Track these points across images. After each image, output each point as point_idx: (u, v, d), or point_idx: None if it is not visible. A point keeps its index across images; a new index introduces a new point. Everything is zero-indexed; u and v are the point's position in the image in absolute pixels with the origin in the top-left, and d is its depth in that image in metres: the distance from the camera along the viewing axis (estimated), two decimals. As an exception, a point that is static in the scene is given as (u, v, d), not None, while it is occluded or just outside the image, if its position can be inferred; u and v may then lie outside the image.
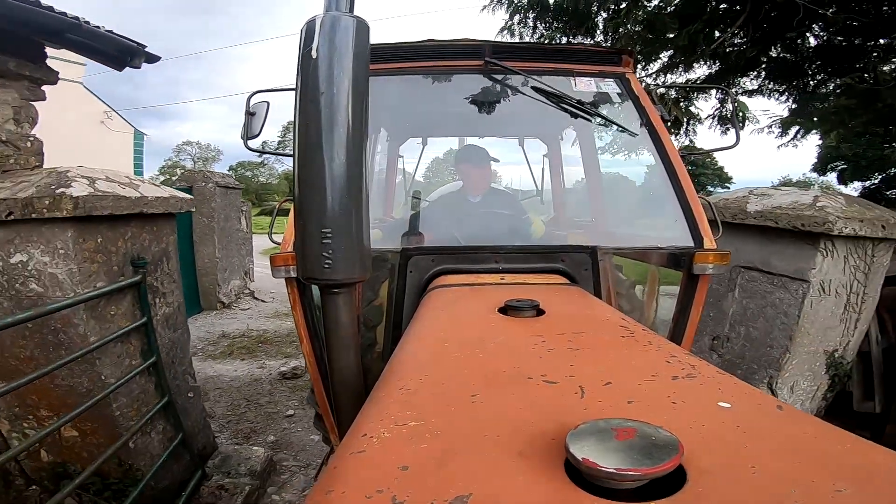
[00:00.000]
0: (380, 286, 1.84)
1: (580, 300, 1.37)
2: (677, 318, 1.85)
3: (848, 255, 2.94)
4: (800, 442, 0.56)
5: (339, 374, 1.02)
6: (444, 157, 6.20)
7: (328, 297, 0.95)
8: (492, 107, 2.66)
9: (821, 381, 3.29)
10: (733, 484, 0.48)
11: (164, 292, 2.94)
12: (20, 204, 2.25)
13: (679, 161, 1.92)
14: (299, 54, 0.87)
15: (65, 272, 2.34)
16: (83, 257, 2.38)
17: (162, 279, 2.93)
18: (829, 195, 3.08)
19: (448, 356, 0.90)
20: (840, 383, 3.62)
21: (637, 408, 0.65)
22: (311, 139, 0.85)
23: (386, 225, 2.67)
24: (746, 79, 6.42)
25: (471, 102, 2.52)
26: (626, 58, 2.18)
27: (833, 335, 3.11)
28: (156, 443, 2.79)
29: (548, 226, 2.70)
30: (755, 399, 0.69)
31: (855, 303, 3.09)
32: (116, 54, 3.38)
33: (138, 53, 3.43)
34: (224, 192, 7.64)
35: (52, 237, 2.32)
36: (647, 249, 1.92)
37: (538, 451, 0.55)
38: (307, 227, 0.87)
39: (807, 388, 3.25)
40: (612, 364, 0.83)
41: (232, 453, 3.27)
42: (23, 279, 2.37)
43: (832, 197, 3.01)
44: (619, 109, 2.13)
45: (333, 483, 0.52)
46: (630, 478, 0.45)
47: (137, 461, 2.66)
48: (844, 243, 2.86)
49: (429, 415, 0.65)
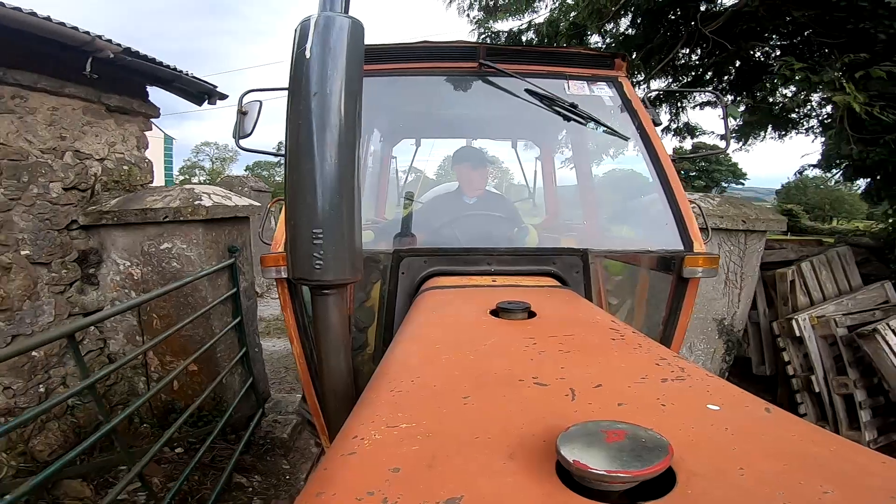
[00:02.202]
0: (371, 287, 1.83)
1: (571, 303, 1.37)
2: (667, 321, 1.87)
3: (721, 242, 4.10)
4: (787, 444, 0.57)
5: (330, 375, 1.01)
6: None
7: (319, 298, 0.95)
8: (485, 109, 2.66)
9: (717, 345, 4.37)
10: (722, 486, 0.48)
11: (243, 271, 4.11)
12: (171, 211, 3.62)
13: (670, 164, 1.93)
14: (293, 54, 0.87)
15: (195, 255, 3.73)
16: (206, 245, 3.73)
17: (242, 262, 4.11)
18: (710, 197, 4.44)
19: (439, 358, 0.90)
20: (735, 348, 4.77)
21: (627, 410, 0.65)
22: (303, 139, 0.85)
23: (378, 226, 2.66)
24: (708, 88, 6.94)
25: (464, 104, 2.52)
26: (620, 61, 2.19)
27: (718, 306, 4.26)
28: (236, 383, 3.96)
29: (539, 228, 2.71)
30: (744, 401, 0.70)
31: (734, 280, 4.25)
32: (198, 93, 4.76)
33: (213, 93, 4.80)
34: (257, 195, 9.01)
35: (189, 232, 3.70)
36: (638, 253, 1.93)
37: (529, 452, 0.55)
38: (298, 227, 0.87)
39: (704, 349, 4.33)
40: (603, 366, 0.83)
41: (281, 399, 4.51)
42: (167, 259, 3.76)
43: (709, 199, 4.37)
44: (611, 112, 2.14)
45: (324, 485, 0.51)
46: (620, 480, 0.45)
47: (225, 395, 3.85)
48: (717, 234, 4.00)
49: (420, 417, 0.65)
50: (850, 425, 4.28)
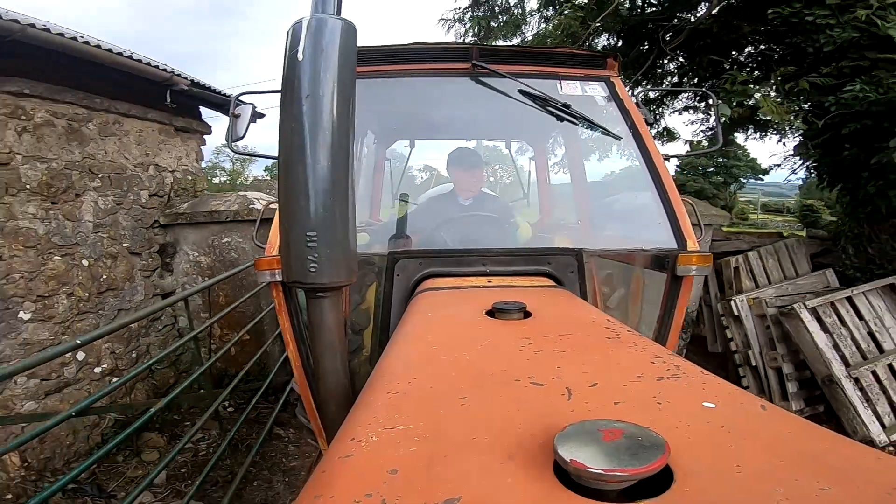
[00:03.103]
0: (367, 290, 1.83)
1: (566, 302, 1.38)
2: (661, 320, 1.87)
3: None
4: (784, 441, 0.57)
5: (326, 378, 1.01)
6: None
7: (314, 301, 0.94)
8: (479, 110, 2.66)
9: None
10: (719, 483, 0.48)
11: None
12: (232, 213, 4.87)
13: (662, 164, 1.94)
14: (285, 56, 0.86)
15: (249, 247, 4.87)
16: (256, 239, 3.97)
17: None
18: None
19: (436, 359, 0.90)
20: (690, 326, 5.46)
21: (623, 409, 0.65)
22: (296, 142, 0.84)
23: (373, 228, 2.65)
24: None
25: (458, 106, 2.51)
26: (612, 61, 2.19)
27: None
28: (276, 352, 4.67)
29: (534, 228, 2.71)
30: (739, 399, 0.70)
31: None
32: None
33: (255, 114, 5.26)
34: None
35: (245, 229, 4.88)
36: (632, 251, 1.94)
37: (526, 452, 0.55)
38: (292, 230, 0.86)
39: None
40: (599, 365, 0.83)
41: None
42: (227, 251, 4.96)
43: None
44: (604, 112, 2.15)
45: (322, 488, 0.51)
46: (617, 478, 0.45)
47: (268, 362, 4.69)
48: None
49: (417, 418, 0.65)
50: (781, 397, 4.74)
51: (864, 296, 4.80)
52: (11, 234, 3.44)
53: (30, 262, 3.54)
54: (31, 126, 3.58)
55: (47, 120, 3.71)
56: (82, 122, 4.03)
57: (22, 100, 3.50)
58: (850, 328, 4.59)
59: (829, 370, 4.30)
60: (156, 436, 4.06)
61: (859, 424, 4.17)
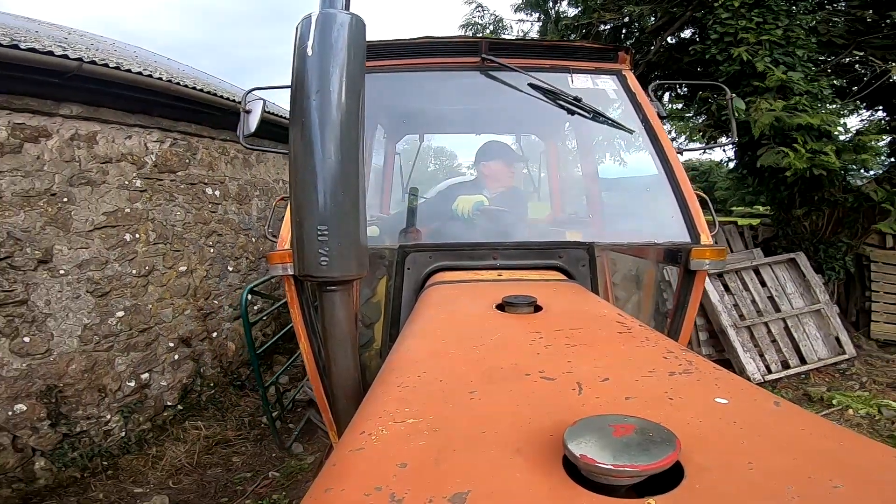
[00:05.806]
0: (378, 283, 1.84)
1: (577, 296, 1.37)
2: (674, 314, 1.86)
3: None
4: (796, 438, 0.56)
5: (337, 371, 1.01)
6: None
7: (325, 294, 0.95)
8: (489, 104, 2.64)
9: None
10: (730, 480, 0.48)
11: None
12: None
13: (675, 157, 1.91)
14: (295, 52, 0.86)
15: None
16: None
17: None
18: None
19: (446, 353, 0.90)
20: None
21: (635, 404, 0.65)
22: (307, 136, 0.84)
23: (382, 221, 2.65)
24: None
25: (468, 100, 2.50)
26: (623, 54, 2.16)
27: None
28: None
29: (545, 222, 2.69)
30: (752, 395, 0.69)
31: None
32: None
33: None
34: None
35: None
36: (644, 245, 1.92)
37: (536, 447, 0.55)
38: (303, 224, 0.87)
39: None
40: (610, 360, 0.83)
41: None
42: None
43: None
44: (616, 106, 2.12)
45: (332, 481, 0.52)
46: (628, 474, 0.45)
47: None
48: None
49: (427, 412, 0.65)
50: (697, 344, 5.58)
51: (770, 267, 5.76)
52: (224, 222, 5.89)
53: (231, 238, 6.00)
54: (229, 158, 6.03)
55: (234, 155, 6.16)
56: (247, 154, 6.39)
57: (227, 144, 5.94)
58: (751, 292, 5.60)
59: (720, 322, 5.33)
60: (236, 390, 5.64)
61: (739, 365, 5.18)
